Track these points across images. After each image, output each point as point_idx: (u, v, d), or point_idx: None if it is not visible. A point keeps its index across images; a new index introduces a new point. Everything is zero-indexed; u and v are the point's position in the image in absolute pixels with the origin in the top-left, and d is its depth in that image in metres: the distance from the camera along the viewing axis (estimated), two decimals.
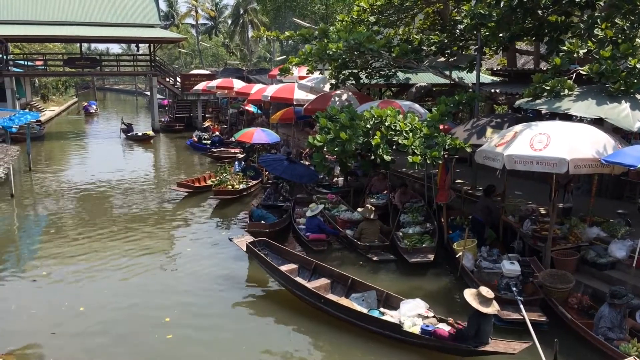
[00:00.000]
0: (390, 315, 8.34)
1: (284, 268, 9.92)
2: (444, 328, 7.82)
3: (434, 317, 8.18)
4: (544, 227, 10.20)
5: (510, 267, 8.88)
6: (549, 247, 9.42)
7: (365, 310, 8.62)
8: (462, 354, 7.57)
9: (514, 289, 8.61)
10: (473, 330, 7.38)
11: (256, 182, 18.06)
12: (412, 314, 8.10)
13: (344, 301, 8.91)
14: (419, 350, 7.88)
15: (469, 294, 7.49)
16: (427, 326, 7.85)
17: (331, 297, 9.11)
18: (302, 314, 9.11)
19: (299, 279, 9.71)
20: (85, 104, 54.68)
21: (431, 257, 11.11)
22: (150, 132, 33.67)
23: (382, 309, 8.69)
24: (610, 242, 9.41)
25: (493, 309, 7.37)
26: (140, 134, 33.41)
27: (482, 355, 7.50)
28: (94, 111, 52.04)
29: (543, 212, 11.19)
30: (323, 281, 9.67)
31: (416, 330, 7.83)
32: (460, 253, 10.22)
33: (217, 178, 17.36)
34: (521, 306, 8.28)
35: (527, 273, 8.93)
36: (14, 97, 33.61)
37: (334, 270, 10.07)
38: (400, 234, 12.09)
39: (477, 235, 10.96)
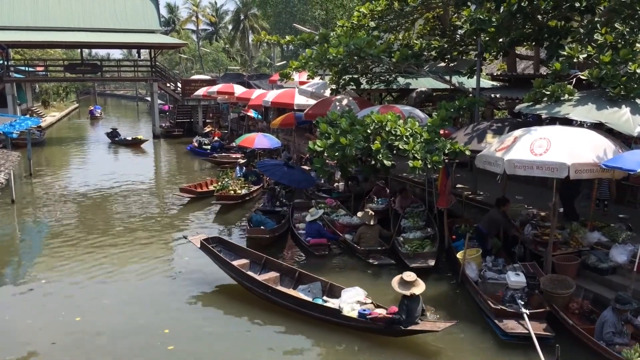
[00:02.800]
0: (332, 303, 8.99)
1: (235, 263, 10.49)
2: (381, 312, 8.40)
3: (371, 303, 8.82)
4: (544, 232, 10.18)
5: (516, 278, 8.57)
6: (550, 251, 9.40)
7: (310, 299, 9.27)
8: (394, 334, 8.16)
9: (520, 301, 8.31)
10: (404, 314, 8.00)
11: (258, 187, 18.06)
12: (352, 301, 8.76)
13: (291, 292, 9.56)
14: (357, 333, 8.45)
15: (394, 282, 8.29)
16: (364, 310, 8.49)
17: (279, 288, 9.72)
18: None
19: (250, 273, 10.23)
20: (91, 108, 56.21)
21: (432, 262, 11.09)
22: (141, 137, 33.89)
23: (324, 298, 9.35)
24: (611, 246, 9.37)
25: (415, 289, 8.03)
26: (130, 138, 33.66)
27: (411, 335, 8.11)
28: (98, 115, 54.03)
29: (543, 215, 11.17)
30: (272, 274, 10.28)
31: (354, 314, 8.47)
32: (464, 261, 10.08)
33: (219, 183, 17.38)
34: (526, 319, 7.98)
35: (532, 285, 8.62)
36: (14, 103, 33.67)
37: (282, 264, 10.77)
38: (401, 239, 12.07)
39: (481, 245, 10.70)
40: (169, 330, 8.79)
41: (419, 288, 8.11)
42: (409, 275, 8.23)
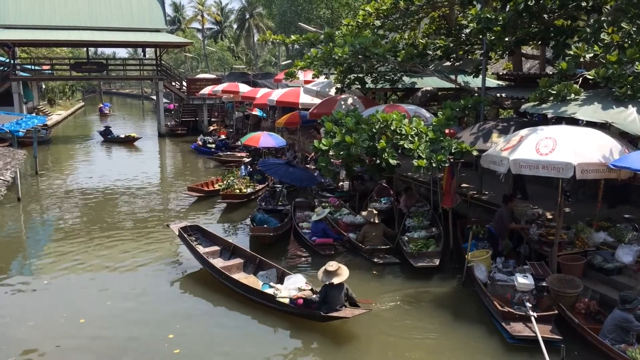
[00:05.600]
0: (276, 288, 9.56)
1: (205, 250, 11.38)
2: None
3: (311, 290, 9.32)
4: (550, 232, 10.15)
5: (523, 280, 8.48)
6: (555, 252, 9.37)
7: (259, 284, 9.93)
8: (317, 319, 8.78)
9: (527, 304, 8.22)
10: (320, 298, 8.71)
11: (263, 186, 18.09)
12: (293, 287, 9.41)
13: (250, 278, 10.39)
14: (290, 318, 9.10)
15: (320, 271, 8.90)
16: None
17: (235, 275, 10.42)
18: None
19: (218, 260, 11.18)
20: (100, 105, 57.24)
21: (437, 261, 11.08)
22: (134, 134, 34.16)
23: (272, 284, 9.93)
24: (617, 247, 9.35)
25: (335, 279, 8.59)
26: (122, 136, 33.89)
27: (332, 320, 8.65)
28: (107, 112, 55.23)
29: (549, 216, 11.13)
30: (237, 261, 11.17)
31: (286, 300, 9.09)
32: (472, 263, 9.94)
33: (225, 182, 17.43)
34: (534, 322, 7.89)
35: (541, 287, 8.52)
36: (21, 101, 33.83)
37: (246, 251, 11.53)
38: (406, 238, 12.07)
39: (492, 246, 10.59)
40: (174, 335, 8.66)
41: (340, 278, 8.65)
42: (331, 265, 8.83)
